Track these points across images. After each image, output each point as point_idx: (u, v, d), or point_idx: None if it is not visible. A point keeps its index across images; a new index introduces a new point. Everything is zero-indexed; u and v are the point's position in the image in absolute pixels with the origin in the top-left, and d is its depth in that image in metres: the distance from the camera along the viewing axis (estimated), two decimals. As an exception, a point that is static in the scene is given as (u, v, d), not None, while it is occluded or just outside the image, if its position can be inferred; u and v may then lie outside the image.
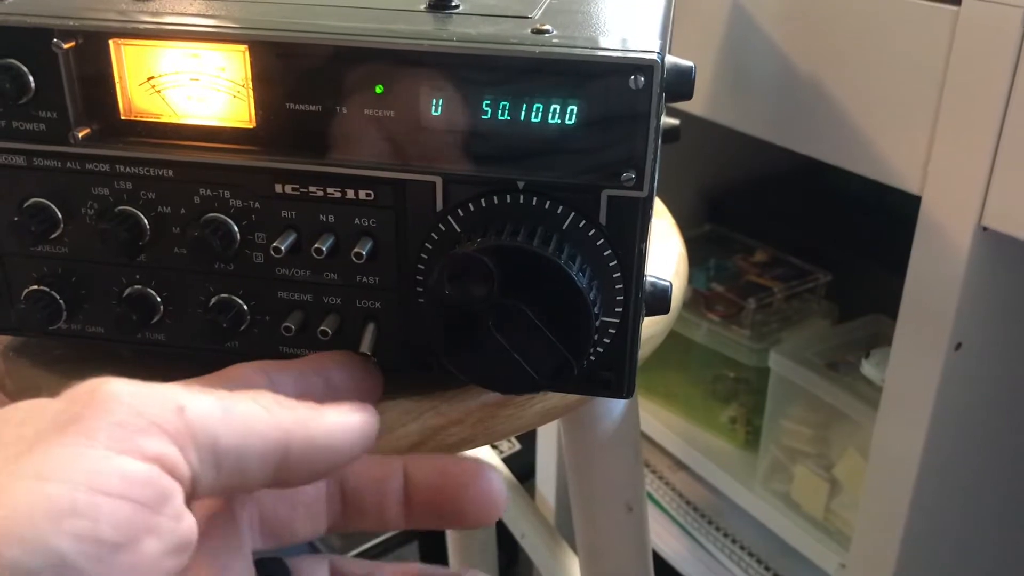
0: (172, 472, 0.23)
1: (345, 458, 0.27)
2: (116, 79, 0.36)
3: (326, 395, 0.32)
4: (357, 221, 0.37)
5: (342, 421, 0.27)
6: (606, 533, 0.66)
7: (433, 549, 1.25)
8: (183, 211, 0.38)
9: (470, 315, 0.35)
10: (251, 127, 0.36)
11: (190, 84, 0.36)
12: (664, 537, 1.08)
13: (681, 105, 0.76)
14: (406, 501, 0.31)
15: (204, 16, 0.36)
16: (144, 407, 0.23)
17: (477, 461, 0.31)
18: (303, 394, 0.28)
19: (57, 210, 0.39)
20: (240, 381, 0.30)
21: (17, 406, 0.23)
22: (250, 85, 0.35)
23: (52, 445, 0.21)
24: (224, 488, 0.25)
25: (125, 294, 0.40)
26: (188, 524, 0.23)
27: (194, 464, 0.23)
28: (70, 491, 0.20)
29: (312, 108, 0.35)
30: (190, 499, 0.24)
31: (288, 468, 0.26)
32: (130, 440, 0.22)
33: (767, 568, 1.00)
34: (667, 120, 0.46)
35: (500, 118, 0.34)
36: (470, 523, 0.31)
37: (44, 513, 0.20)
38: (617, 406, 0.59)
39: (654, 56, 0.33)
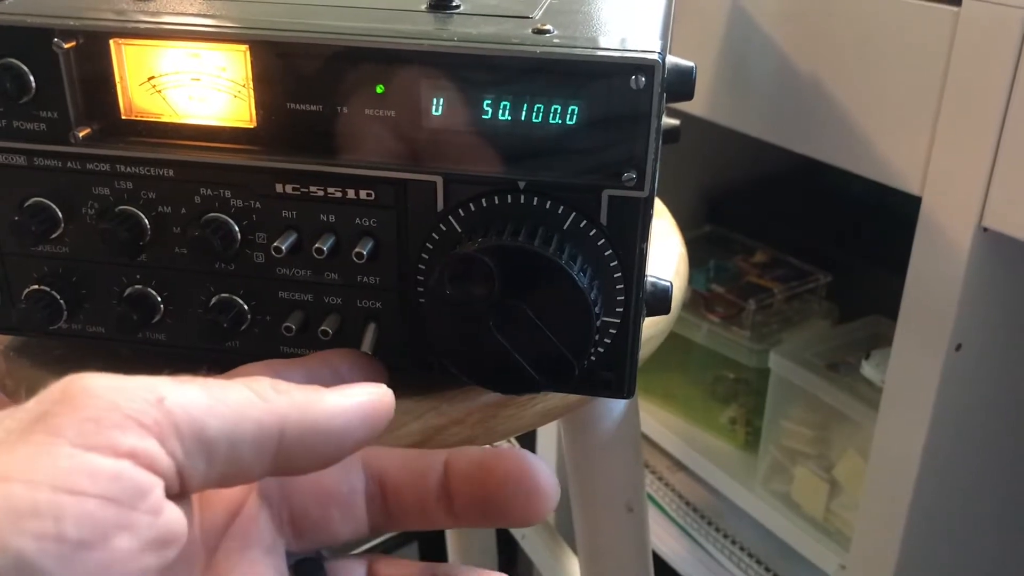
0: (150, 466, 0.22)
1: (351, 441, 0.26)
2: (117, 79, 0.36)
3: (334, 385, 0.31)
4: (358, 221, 0.37)
5: (343, 403, 0.26)
6: (606, 534, 0.66)
7: (433, 550, 1.25)
8: (184, 211, 0.38)
9: (471, 315, 0.35)
10: (252, 127, 0.36)
11: (191, 84, 0.36)
12: (664, 538, 1.07)
13: (681, 105, 0.76)
14: (448, 498, 0.30)
15: (205, 16, 0.36)
16: (120, 400, 0.22)
17: (521, 455, 0.29)
18: (311, 384, 0.27)
19: (58, 210, 0.39)
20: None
21: None
22: (251, 85, 0.35)
23: (17, 445, 0.21)
24: (221, 479, 0.24)
25: (125, 294, 0.40)
26: (169, 518, 0.22)
27: (178, 456, 0.23)
28: (31, 491, 0.20)
29: (313, 108, 0.35)
30: (182, 492, 0.23)
31: (288, 454, 0.25)
32: (100, 435, 0.21)
33: (767, 569, 1.00)
34: (667, 121, 0.46)
35: (501, 118, 0.34)
36: (517, 521, 0.29)
37: (4, 514, 0.19)
38: (617, 406, 0.59)
39: (655, 56, 0.33)
